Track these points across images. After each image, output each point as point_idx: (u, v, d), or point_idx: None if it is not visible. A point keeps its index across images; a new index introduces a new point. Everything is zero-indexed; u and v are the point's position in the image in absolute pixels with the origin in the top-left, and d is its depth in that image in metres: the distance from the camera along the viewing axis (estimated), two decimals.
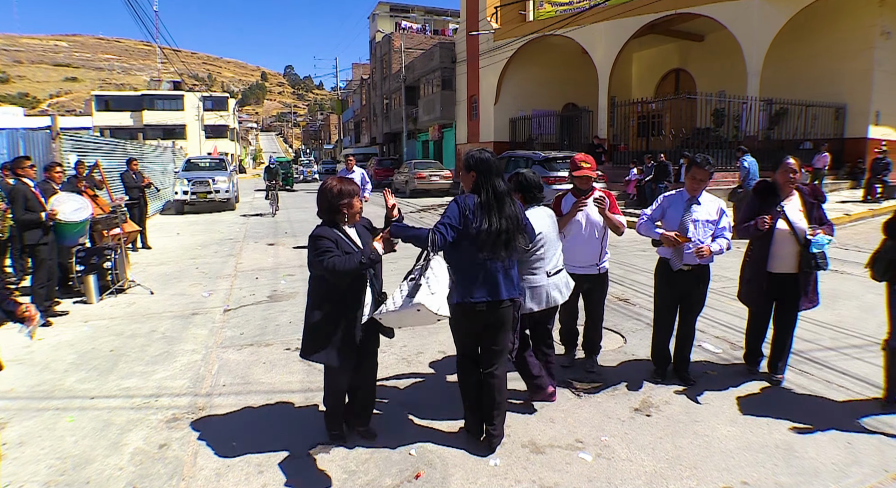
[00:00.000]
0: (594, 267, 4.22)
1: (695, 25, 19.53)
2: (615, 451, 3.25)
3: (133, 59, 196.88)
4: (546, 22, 22.09)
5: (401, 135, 37.18)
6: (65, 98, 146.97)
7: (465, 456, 3.20)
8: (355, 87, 58.46)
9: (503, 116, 25.28)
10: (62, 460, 3.24)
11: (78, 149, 11.07)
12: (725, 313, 5.84)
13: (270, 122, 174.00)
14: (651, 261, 4.65)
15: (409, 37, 38.21)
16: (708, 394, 3.98)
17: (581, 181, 4.14)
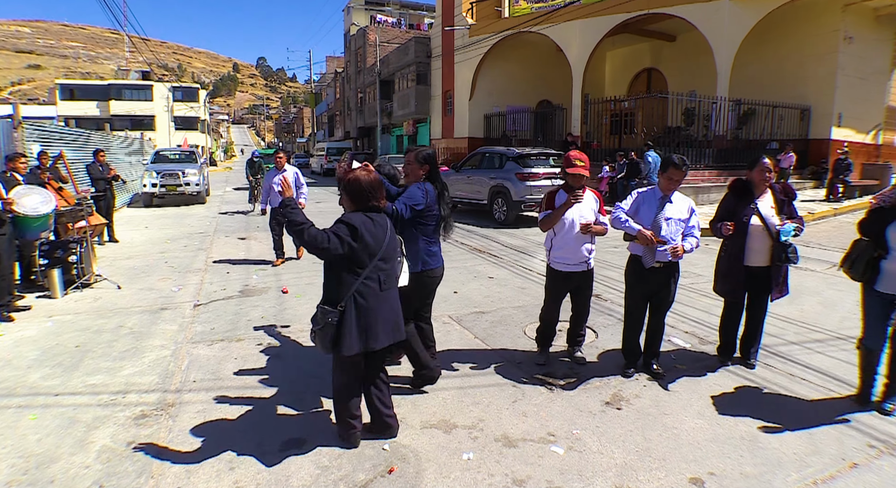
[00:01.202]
0: (584, 264, 4.28)
1: (667, 26, 19.82)
2: (586, 444, 3.30)
3: (99, 47, 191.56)
4: (521, 19, 22.17)
5: (375, 130, 36.96)
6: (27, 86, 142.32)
7: (439, 451, 3.22)
8: (329, 80, 57.91)
9: (478, 112, 25.31)
10: (25, 459, 3.16)
11: (41, 139, 10.73)
12: (694, 308, 5.96)
13: (242, 115, 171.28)
14: (622, 258, 4.73)
15: (384, 30, 37.98)
16: (677, 388, 4.06)
17: (574, 179, 4.17)
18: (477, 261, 8.50)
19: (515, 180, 12.14)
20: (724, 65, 16.34)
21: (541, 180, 12.13)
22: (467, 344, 4.98)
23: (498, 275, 7.62)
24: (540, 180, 12.13)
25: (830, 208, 13.88)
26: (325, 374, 4.33)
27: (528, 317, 5.69)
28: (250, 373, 4.35)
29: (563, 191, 4.28)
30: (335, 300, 3.05)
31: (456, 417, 3.62)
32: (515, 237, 10.83)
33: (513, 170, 12.36)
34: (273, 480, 2.94)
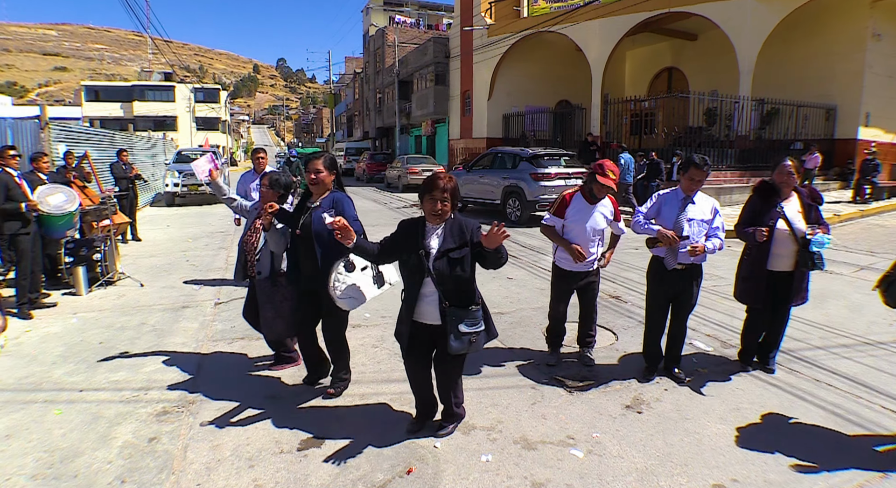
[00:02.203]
0: (590, 263, 4.28)
1: (688, 24, 19.59)
2: (606, 448, 3.26)
3: (123, 49, 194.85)
4: (540, 18, 22.06)
5: (393, 130, 37.06)
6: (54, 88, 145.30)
7: (457, 452, 3.20)
8: (348, 80, 58.18)
9: (496, 112, 25.24)
10: (50, 453, 3.21)
11: (67, 139, 10.93)
12: (717, 311, 5.87)
13: (262, 115, 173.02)
14: (643, 259, 4.68)
15: (402, 31, 38.06)
16: (698, 392, 4.00)
17: (601, 189, 4.13)
18: None
19: (530, 180, 12.26)
20: (746, 64, 16.10)
21: (554, 180, 12.27)
22: (486, 344, 4.95)
23: (517, 276, 7.58)
24: (553, 180, 12.27)
25: (857, 210, 13.59)
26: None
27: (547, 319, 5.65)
28: (269, 372, 4.38)
29: (580, 194, 4.25)
30: (476, 299, 3.21)
31: (474, 418, 3.60)
32: (534, 237, 10.77)
33: (527, 170, 12.49)
34: (292, 479, 2.95)
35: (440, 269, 3.03)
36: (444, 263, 3.03)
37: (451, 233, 3.10)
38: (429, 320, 3.15)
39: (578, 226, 4.17)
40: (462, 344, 3.04)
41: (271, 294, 3.96)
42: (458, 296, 3.09)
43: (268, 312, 3.95)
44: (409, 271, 3.13)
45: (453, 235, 3.10)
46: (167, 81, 57.55)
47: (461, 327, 3.03)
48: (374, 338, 5.17)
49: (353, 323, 5.55)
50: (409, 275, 3.15)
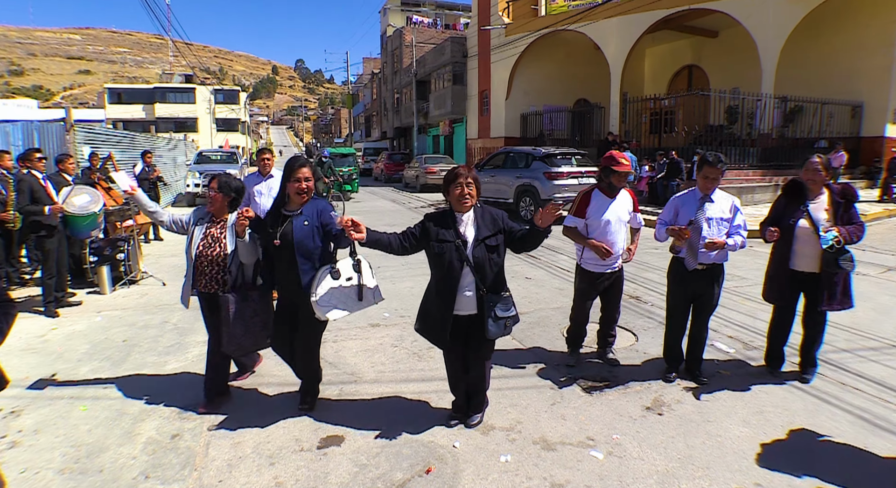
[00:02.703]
0: (614, 264, 4.25)
1: (709, 21, 19.33)
2: (627, 450, 3.23)
3: (145, 52, 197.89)
4: (558, 17, 21.95)
5: (411, 130, 37.12)
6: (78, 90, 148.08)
7: (476, 452, 3.20)
8: (366, 81, 58.48)
9: (514, 112, 25.16)
10: (76, 448, 3.28)
11: (91, 141, 11.14)
12: (738, 312, 5.78)
13: (281, 116, 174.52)
14: (663, 259, 4.63)
15: (420, 31, 38.12)
16: (720, 394, 3.95)
17: (620, 178, 4.10)
18: (514, 260, 8.44)
19: (543, 179, 12.40)
20: (769, 60, 15.84)
21: (567, 179, 12.42)
22: (504, 344, 4.93)
23: (535, 276, 7.55)
24: (567, 179, 12.42)
25: (884, 209, 13.30)
26: (365, 371, 4.37)
27: (567, 319, 5.60)
28: (290, 370, 4.40)
29: (598, 190, 4.22)
30: (505, 285, 3.36)
31: (493, 419, 3.59)
32: (552, 237, 10.70)
33: (540, 169, 12.62)
34: (312, 476, 2.97)
35: (478, 257, 3.16)
36: (482, 251, 3.16)
37: (484, 221, 3.22)
38: (465, 311, 3.24)
39: (601, 222, 4.13)
40: (499, 328, 3.20)
41: (241, 309, 3.56)
42: (494, 283, 3.23)
43: (237, 328, 3.57)
44: (446, 263, 3.17)
45: (486, 223, 3.22)
46: (188, 83, 58.35)
47: (498, 312, 3.18)
48: (392, 337, 5.18)
49: (371, 322, 5.59)
50: (445, 268, 3.18)
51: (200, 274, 3.62)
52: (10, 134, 10.34)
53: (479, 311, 3.21)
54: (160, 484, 2.93)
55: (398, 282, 7.06)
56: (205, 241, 3.62)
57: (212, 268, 3.61)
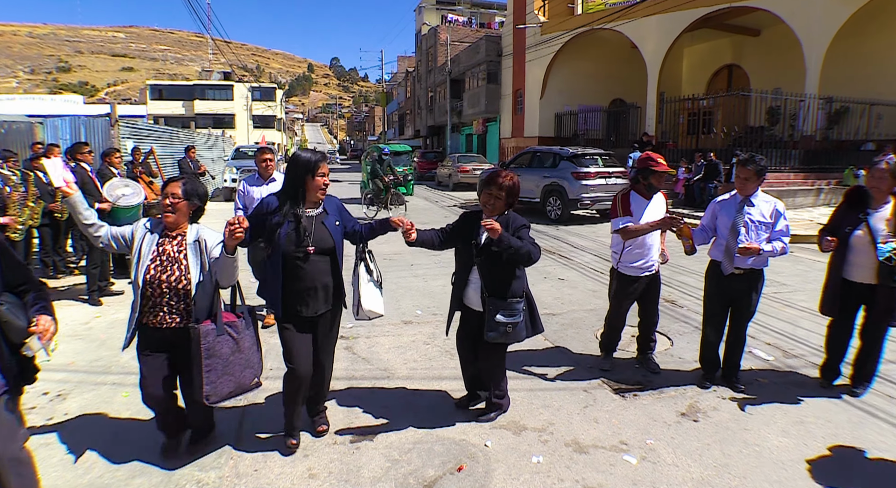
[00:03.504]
0: (651, 267, 4.18)
1: (751, 19, 18.85)
2: (661, 455, 3.18)
3: (185, 50, 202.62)
4: (595, 15, 21.69)
5: (445, 129, 37.18)
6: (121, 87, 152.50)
7: (508, 452, 3.19)
8: (400, 79, 58.78)
9: (548, 111, 24.98)
10: (118, 432, 3.38)
11: (134, 136, 11.48)
12: (778, 319, 5.63)
13: (316, 113, 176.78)
14: (699, 263, 4.54)
15: (454, 30, 38.15)
16: (758, 403, 3.85)
17: (659, 178, 4.04)
18: (546, 261, 8.38)
19: (571, 179, 12.49)
20: (814, 60, 15.35)
21: (595, 179, 12.54)
22: (537, 345, 4.92)
23: (568, 277, 7.49)
24: (594, 179, 12.53)
25: None
26: (398, 367, 4.40)
27: (600, 321, 5.53)
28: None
29: (634, 192, 4.14)
30: (517, 292, 3.32)
31: (525, 419, 3.58)
32: (585, 238, 10.62)
33: (568, 169, 12.70)
34: (345, 470, 3.01)
35: (484, 261, 3.28)
36: (489, 256, 3.26)
37: (506, 229, 3.26)
38: (473, 306, 3.40)
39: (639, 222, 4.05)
40: (497, 333, 3.25)
41: (216, 346, 2.84)
42: (498, 287, 3.29)
43: (215, 370, 2.84)
44: (462, 259, 3.43)
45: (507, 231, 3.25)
46: (226, 81, 59.56)
47: (498, 317, 3.23)
48: (425, 334, 5.20)
49: (404, 319, 5.63)
50: (461, 263, 3.44)
51: (152, 305, 2.86)
52: (58, 128, 10.75)
53: (483, 311, 3.32)
54: (198, 471, 3.00)
55: (430, 281, 7.08)
56: (158, 263, 2.86)
57: (170, 296, 2.86)
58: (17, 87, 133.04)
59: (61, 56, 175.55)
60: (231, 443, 3.27)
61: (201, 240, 2.95)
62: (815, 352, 4.71)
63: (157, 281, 2.83)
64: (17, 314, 2.15)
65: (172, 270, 2.86)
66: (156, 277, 2.83)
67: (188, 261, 2.89)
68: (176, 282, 2.85)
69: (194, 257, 2.92)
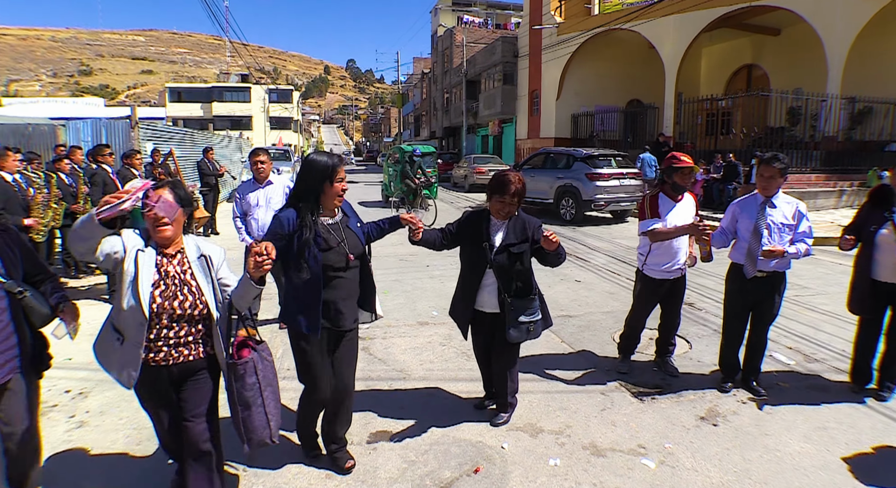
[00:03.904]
0: (678, 271, 4.12)
1: (770, 18, 18.60)
2: (679, 460, 3.15)
3: (204, 52, 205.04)
4: (612, 16, 21.56)
5: (460, 130, 37.20)
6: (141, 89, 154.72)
7: (525, 454, 3.18)
8: (416, 80, 58.91)
9: (565, 112, 24.87)
10: (138, 430, 3.42)
11: (154, 137, 11.64)
12: (799, 323, 5.55)
13: (332, 115, 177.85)
14: (718, 265, 4.49)
15: (470, 31, 38.16)
16: (779, 407, 3.79)
17: (684, 177, 3.96)
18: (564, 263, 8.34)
19: (585, 180, 12.47)
20: (836, 59, 15.09)
21: (609, 180, 12.50)
22: (554, 347, 4.90)
23: (585, 279, 7.44)
24: (609, 180, 12.51)
25: None
26: (414, 368, 4.41)
27: (617, 323, 5.51)
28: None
29: (663, 194, 4.07)
30: (532, 289, 3.34)
31: (542, 421, 3.56)
32: (602, 240, 10.55)
33: (582, 170, 12.68)
34: (362, 470, 3.01)
35: (501, 262, 3.22)
36: (505, 257, 3.22)
37: (514, 229, 3.28)
38: (488, 308, 3.33)
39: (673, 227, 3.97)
40: (520, 332, 3.24)
41: (247, 386, 2.43)
42: (517, 288, 3.27)
43: (257, 415, 2.45)
44: (472, 262, 3.34)
45: (515, 231, 3.27)
46: (244, 83, 60.14)
47: (521, 318, 3.21)
48: (441, 335, 5.20)
49: (420, 320, 5.64)
50: (470, 266, 3.35)
51: (157, 338, 2.34)
52: (80, 130, 10.93)
53: (502, 312, 3.27)
54: None
55: (446, 282, 7.08)
56: (163, 287, 2.35)
57: (179, 327, 2.38)
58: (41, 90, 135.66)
59: (83, 59, 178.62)
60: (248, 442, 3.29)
61: (206, 256, 2.50)
62: (838, 357, 4.64)
63: (165, 309, 2.32)
64: (39, 301, 2.41)
65: (184, 295, 2.37)
66: (163, 305, 2.32)
67: (198, 281, 2.42)
68: (191, 309, 2.36)
69: (203, 276, 2.45)
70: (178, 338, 2.38)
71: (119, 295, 2.30)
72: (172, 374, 2.43)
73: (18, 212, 5.62)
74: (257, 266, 2.31)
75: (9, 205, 5.54)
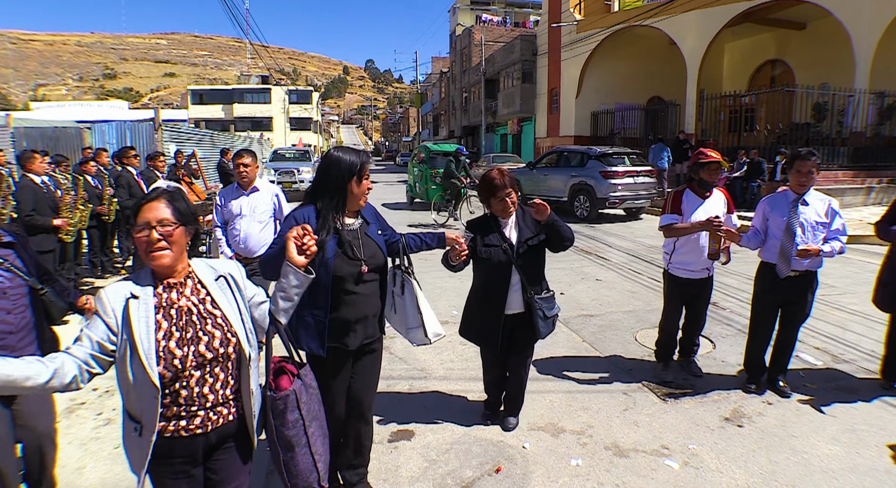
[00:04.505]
0: (705, 270, 4.04)
1: (796, 12, 18.24)
2: (704, 461, 3.10)
3: (224, 54, 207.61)
4: (632, 12, 21.33)
5: (479, 129, 37.15)
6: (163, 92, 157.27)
7: (546, 454, 3.16)
8: (434, 80, 58.99)
9: (584, 110, 24.68)
10: None
11: (176, 139, 11.82)
12: (827, 323, 5.43)
13: (351, 115, 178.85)
14: (741, 264, 4.43)
15: (489, 30, 38.06)
16: (806, 409, 3.72)
17: (709, 171, 3.85)
18: (584, 262, 8.29)
19: (600, 178, 12.58)
20: (864, 54, 14.73)
21: (623, 178, 12.64)
22: (575, 347, 4.87)
23: (606, 278, 7.38)
24: (623, 178, 12.62)
25: None
26: (434, 367, 4.42)
27: (639, 323, 5.47)
28: None
29: (689, 190, 3.98)
30: (546, 286, 3.35)
31: (564, 421, 3.54)
32: (625, 239, 10.45)
33: (596, 168, 12.80)
34: (383, 469, 3.03)
35: (524, 258, 3.20)
36: (527, 252, 3.20)
37: (525, 222, 3.25)
38: (513, 309, 3.26)
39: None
40: (548, 326, 3.27)
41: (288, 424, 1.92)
42: (537, 282, 3.27)
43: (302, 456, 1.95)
44: (493, 266, 3.22)
45: (528, 224, 3.25)
46: (264, 84, 60.68)
47: (546, 311, 3.22)
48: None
49: (441, 320, 5.58)
50: (493, 271, 3.23)
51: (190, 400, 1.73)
52: (105, 133, 11.15)
53: (527, 310, 3.23)
54: None
55: (466, 281, 7.04)
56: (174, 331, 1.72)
57: (219, 374, 1.78)
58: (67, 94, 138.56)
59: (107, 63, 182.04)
60: None
61: (226, 276, 1.90)
62: (867, 357, 4.54)
63: (189, 360, 1.70)
64: (57, 297, 2.54)
65: (209, 333, 1.76)
66: (186, 356, 1.70)
67: (223, 310, 1.82)
68: (223, 347, 1.77)
69: (228, 302, 1.85)
70: (215, 392, 1.76)
71: (121, 370, 1.67)
72: (209, 443, 1.81)
73: (48, 213, 5.74)
74: (301, 251, 1.91)
75: (39, 207, 5.66)
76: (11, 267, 2.37)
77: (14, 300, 2.36)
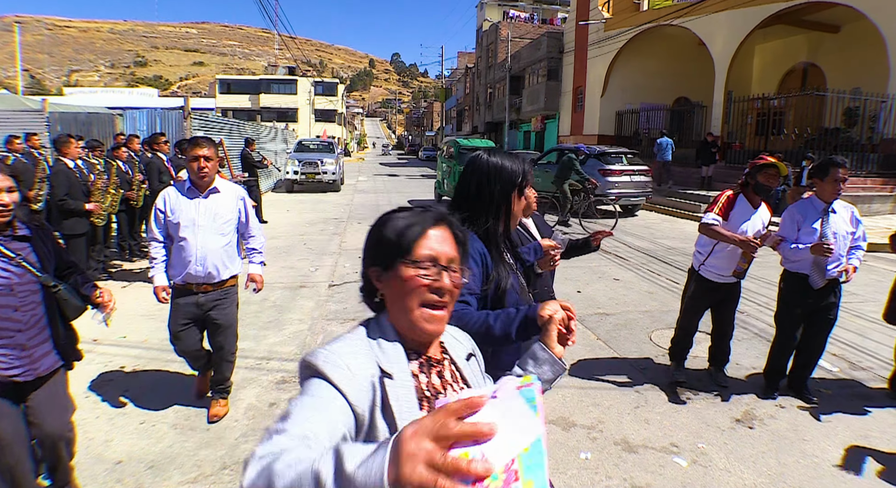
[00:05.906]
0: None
1: (829, 15, 17.87)
2: (712, 460, 3.14)
3: (253, 45, 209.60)
4: (661, 11, 21.10)
5: (503, 125, 37.06)
6: (192, 81, 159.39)
7: (556, 447, 3.22)
8: (460, 75, 58.91)
9: (609, 109, 24.50)
10: (187, 407, 3.61)
11: (204, 128, 12.03)
12: (845, 330, 5.39)
13: (375, 108, 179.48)
14: (759, 268, 4.42)
15: (516, 26, 37.88)
16: (819, 414, 3.72)
17: (767, 175, 3.64)
18: (602, 261, 8.29)
19: (598, 176, 12.94)
20: None
21: (621, 176, 13.21)
22: (590, 344, 4.91)
23: (624, 278, 7.38)
24: (620, 176, 13.21)
25: None
26: None
27: (655, 323, 5.48)
28: None
29: (743, 196, 3.80)
30: None
31: (575, 416, 3.60)
32: (643, 240, 10.41)
33: (595, 166, 13.24)
34: None
35: None
36: None
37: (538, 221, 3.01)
38: None
39: (743, 230, 3.73)
40: None
41: None
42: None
43: None
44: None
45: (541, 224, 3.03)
46: (290, 75, 61.22)
47: None
48: None
49: None
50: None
51: None
52: (136, 119, 11.39)
53: None
54: None
55: None
56: None
57: None
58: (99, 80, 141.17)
59: (139, 51, 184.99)
60: None
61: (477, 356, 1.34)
62: (884, 365, 4.51)
63: None
64: (72, 294, 2.48)
65: None
66: None
67: None
68: None
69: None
70: None
71: None
72: None
73: (80, 197, 5.93)
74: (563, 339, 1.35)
75: (72, 191, 5.86)
76: (23, 262, 2.30)
77: (22, 297, 2.29)
